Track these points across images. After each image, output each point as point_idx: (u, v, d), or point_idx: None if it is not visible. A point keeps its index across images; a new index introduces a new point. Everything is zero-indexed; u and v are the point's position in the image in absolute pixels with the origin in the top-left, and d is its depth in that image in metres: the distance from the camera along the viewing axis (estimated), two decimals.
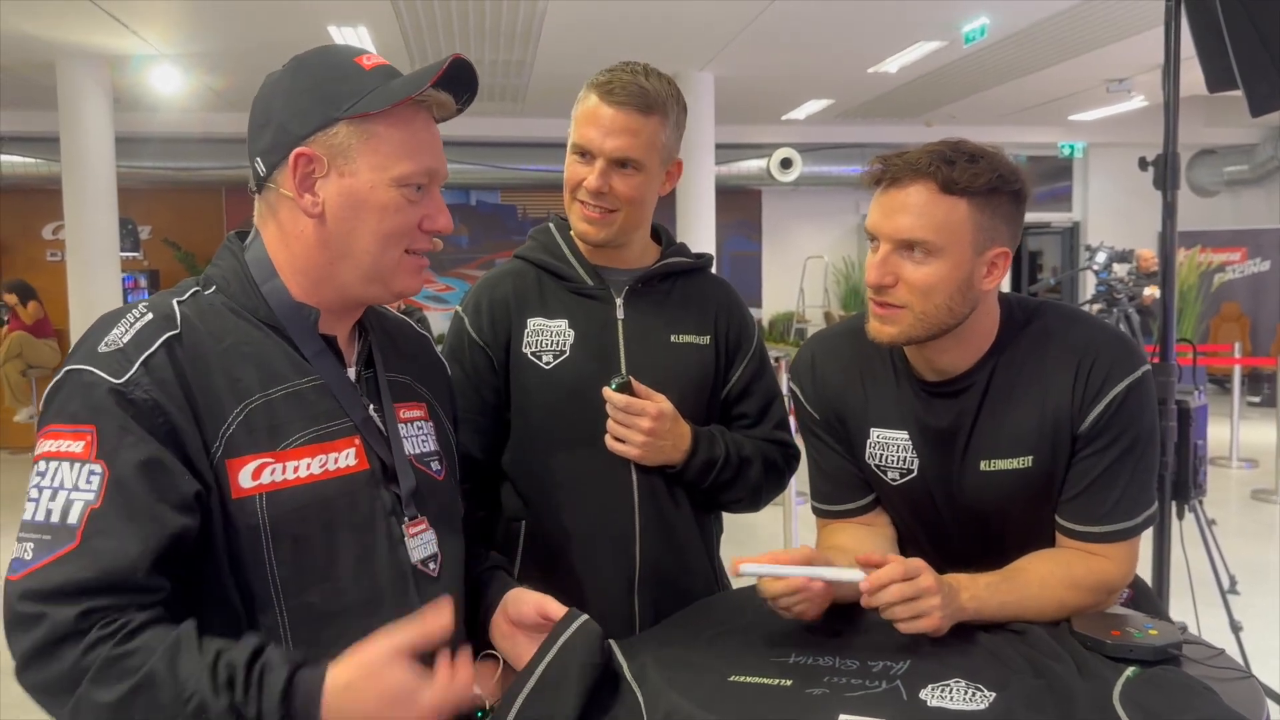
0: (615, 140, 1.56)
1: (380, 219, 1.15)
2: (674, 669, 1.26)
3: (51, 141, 8.41)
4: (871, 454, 1.54)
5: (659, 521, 1.64)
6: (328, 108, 1.13)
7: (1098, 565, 1.42)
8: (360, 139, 1.13)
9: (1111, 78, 8.99)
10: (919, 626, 1.28)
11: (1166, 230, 2.86)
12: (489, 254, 11.97)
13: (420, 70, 1.14)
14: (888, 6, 6.69)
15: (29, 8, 6.44)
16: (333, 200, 1.14)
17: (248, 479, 1.08)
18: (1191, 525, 3.36)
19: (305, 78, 1.15)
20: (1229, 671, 1.26)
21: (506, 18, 6.88)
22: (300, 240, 1.16)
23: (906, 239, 1.37)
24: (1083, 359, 1.41)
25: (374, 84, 1.14)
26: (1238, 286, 11.57)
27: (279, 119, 1.14)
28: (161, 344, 1.08)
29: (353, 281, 1.17)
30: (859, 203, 12.44)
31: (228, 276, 1.18)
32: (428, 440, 1.28)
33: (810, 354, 1.63)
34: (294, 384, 1.13)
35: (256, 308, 1.16)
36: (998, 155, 1.40)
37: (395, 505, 1.19)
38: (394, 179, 1.14)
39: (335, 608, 1.12)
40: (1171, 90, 2.81)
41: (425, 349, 1.40)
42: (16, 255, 11.21)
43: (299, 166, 1.13)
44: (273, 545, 1.09)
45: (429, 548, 1.22)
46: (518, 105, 10.03)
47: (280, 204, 1.16)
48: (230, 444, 1.08)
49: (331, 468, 1.13)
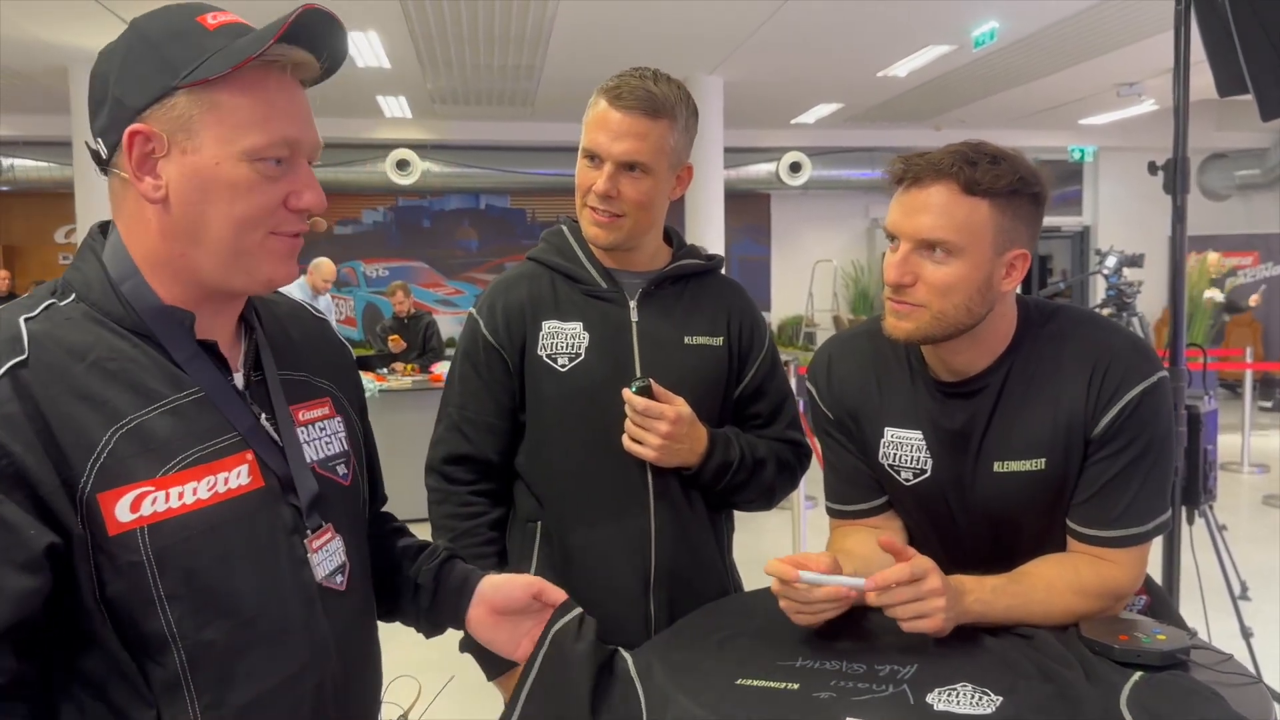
0: (623, 144, 1.57)
1: (232, 199, 1.00)
2: (681, 672, 1.26)
3: (64, 146, 8.48)
4: (885, 453, 1.54)
5: (674, 522, 1.65)
6: (164, 76, 0.98)
7: (1106, 570, 1.41)
8: (202, 109, 0.98)
9: (1122, 81, 8.97)
10: (921, 626, 1.29)
11: (1176, 235, 2.86)
12: (497, 258, 12.00)
13: (262, 30, 1.00)
14: (897, 11, 6.69)
15: (43, 13, 6.48)
16: (176, 182, 0.99)
17: (125, 512, 0.95)
18: (1202, 531, 3.35)
19: (141, 44, 1.00)
20: (1237, 677, 1.26)
21: (516, 22, 6.90)
22: (147, 230, 1.02)
23: (928, 238, 1.37)
24: (1098, 363, 1.41)
25: (217, 45, 0.99)
26: (1249, 291, 11.52)
27: (114, 92, 0.99)
28: (4, 374, 0.93)
29: (212, 271, 1.03)
30: (868, 206, 12.44)
31: (89, 281, 1.03)
32: (333, 442, 1.17)
33: (827, 354, 1.63)
34: (170, 400, 1.00)
35: (122, 316, 1.01)
36: (1019, 157, 1.40)
37: (296, 521, 1.08)
38: (244, 152, 0.99)
39: (240, 642, 1.01)
40: (1181, 94, 2.81)
41: (323, 335, 1.26)
42: (29, 259, 11.28)
43: (135, 146, 0.98)
44: (160, 582, 0.97)
45: (336, 558, 1.12)
46: (527, 109, 10.06)
47: (125, 189, 1.02)
48: (102, 475, 0.95)
49: (222, 489, 1.01)
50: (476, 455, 1.67)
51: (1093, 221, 12.88)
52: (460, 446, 1.67)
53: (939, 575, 1.30)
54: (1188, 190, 2.83)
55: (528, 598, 1.25)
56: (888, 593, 1.29)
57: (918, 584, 1.28)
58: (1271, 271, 11.52)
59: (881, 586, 1.29)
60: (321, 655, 1.08)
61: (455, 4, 6.46)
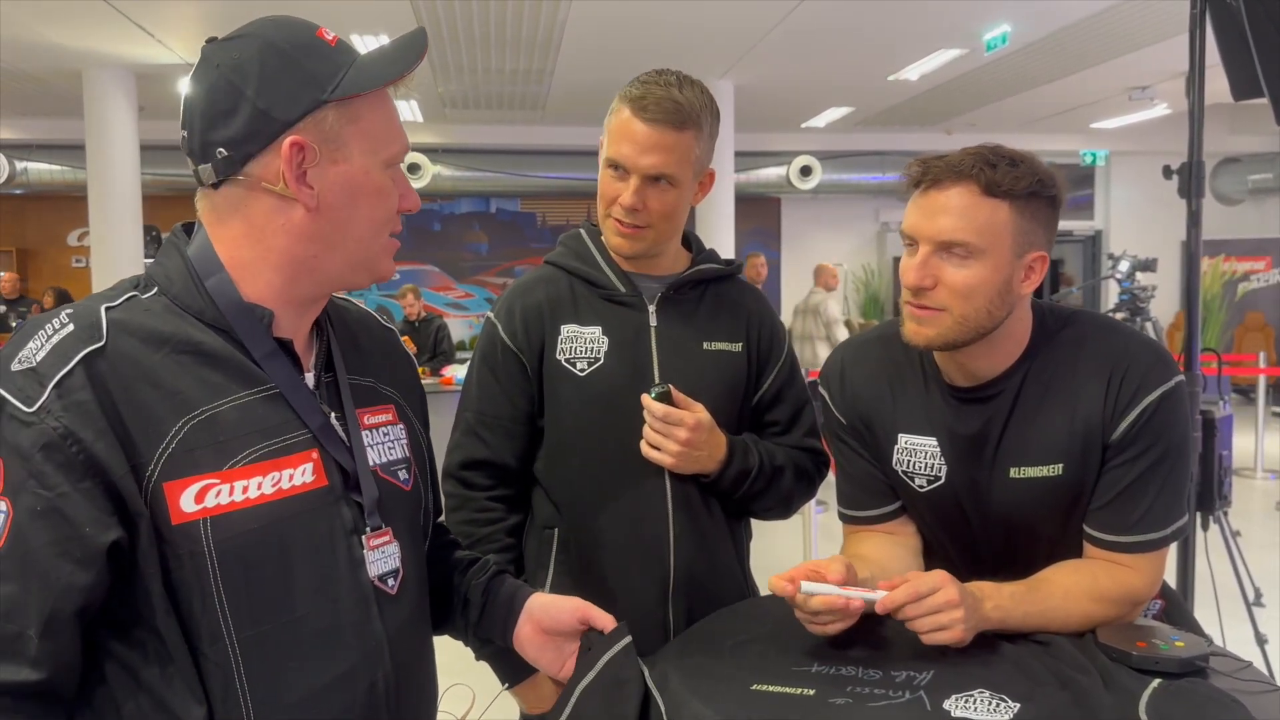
0: (650, 158, 1.55)
1: (374, 204, 1.08)
2: (696, 678, 1.26)
3: (78, 149, 8.52)
4: (899, 460, 1.53)
5: (692, 529, 1.63)
6: (314, 90, 1.03)
7: (1123, 576, 1.41)
8: (347, 122, 1.05)
9: (1134, 85, 8.94)
10: (941, 639, 1.28)
11: (1191, 239, 2.84)
12: (509, 261, 12.02)
13: (398, 49, 1.09)
14: (909, 14, 6.68)
15: (57, 18, 6.52)
16: (328, 190, 1.05)
17: (190, 503, 0.98)
18: (1216, 537, 3.33)
19: (276, 56, 1.03)
20: (1257, 684, 1.25)
21: (528, 26, 6.91)
22: (284, 235, 1.06)
23: (948, 240, 1.37)
24: (1115, 367, 1.40)
25: (346, 60, 1.06)
26: (1262, 296, 11.48)
27: (255, 103, 1.02)
28: (79, 361, 0.96)
29: (339, 271, 1.10)
30: (878, 210, 12.41)
31: (170, 275, 1.06)
32: (395, 448, 1.19)
33: (840, 360, 1.62)
34: (243, 395, 1.03)
35: (203, 309, 1.04)
36: (1035, 160, 1.40)
37: (357, 521, 1.10)
38: (385, 161, 1.08)
39: (292, 639, 1.03)
40: (1196, 98, 2.80)
41: (391, 344, 1.30)
42: (43, 261, 11.34)
43: (294, 156, 1.03)
44: (220, 574, 0.99)
45: (391, 561, 1.13)
46: (538, 113, 10.07)
47: (253, 198, 1.05)
48: (169, 465, 0.97)
49: (286, 486, 1.03)
50: (494, 460, 1.65)
51: (1104, 226, 12.84)
52: (477, 451, 1.66)
53: (955, 586, 1.29)
54: (1203, 194, 2.82)
55: (574, 621, 1.27)
56: (906, 609, 1.28)
57: (934, 596, 1.28)
58: None
59: (889, 609, 1.28)
60: (374, 657, 1.09)
61: (467, 7, 6.47)
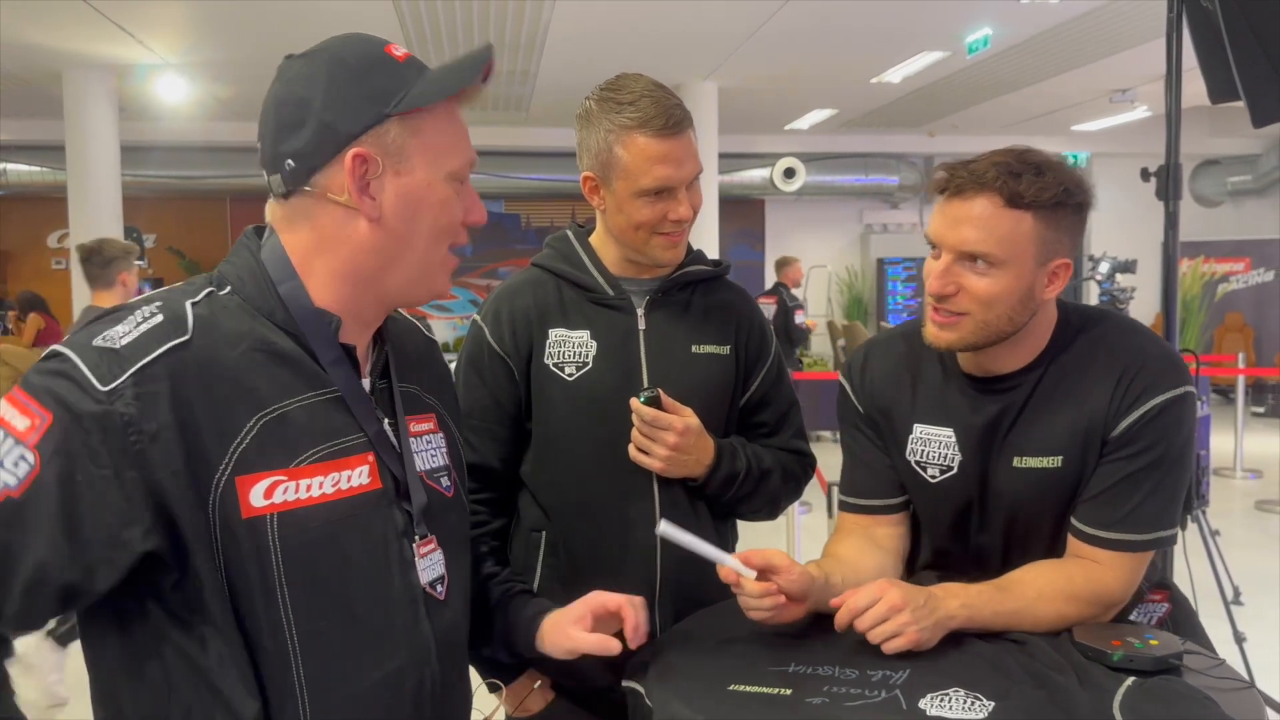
0: (689, 167, 1.57)
1: (437, 217, 1.10)
2: (675, 677, 1.27)
3: (57, 150, 8.46)
4: (913, 450, 1.54)
5: None
6: (378, 104, 1.05)
7: (1098, 575, 1.41)
8: (410, 135, 1.07)
9: (1115, 88, 9.01)
10: (898, 645, 1.29)
11: (1169, 241, 2.87)
12: (492, 263, 12.00)
13: (462, 63, 1.10)
14: (891, 17, 6.71)
15: (37, 17, 6.47)
16: (390, 202, 1.07)
17: (259, 498, 1.00)
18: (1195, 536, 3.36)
19: (343, 71, 1.06)
20: (1229, 682, 1.26)
21: (511, 28, 6.91)
22: (348, 245, 1.08)
23: (970, 251, 1.37)
24: (1128, 367, 1.41)
25: (411, 75, 1.08)
26: (1241, 297, 11.57)
27: (321, 116, 1.04)
28: (164, 352, 0.98)
29: (400, 284, 1.12)
30: (862, 212, 12.45)
31: (243, 276, 1.09)
32: (437, 455, 1.22)
33: (865, 351, 1.65)
34: (309, 396, 1.06)
35: (273, 310, 1.07)
36: (1063, 167, 1.40)
37: (407, 525, 1.13)
38: (449, 174, 1.10)
39: (348, 636, 1.06)
40: (1173, 101, 2.82)
41: (433, 355, 1.33)
42: (22, 263, 11.26)
43: (357, 168, 1.05)
44: (284, 569, 1.01)
45: (437, 569, 1.16)
46: (521, 115, 10.06)
47: (320, 208, 1.07)
48: (243, 459, 1.00)
49: (344, 486, 1.06)
50: (479, 463, 1.64)
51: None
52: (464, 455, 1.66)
53: (897, 590, 1.31)
54: (1180, 196, 2.84)
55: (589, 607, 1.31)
56: (855, 624, 1.31)
57: (875, 609, 1.30)
58: (1263, 277, 11.56)
59: (840, 628, 1.33)
60: (421, 657, 1.12)
61: (449, 8, 6.46)
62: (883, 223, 12.61)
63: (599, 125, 1.56)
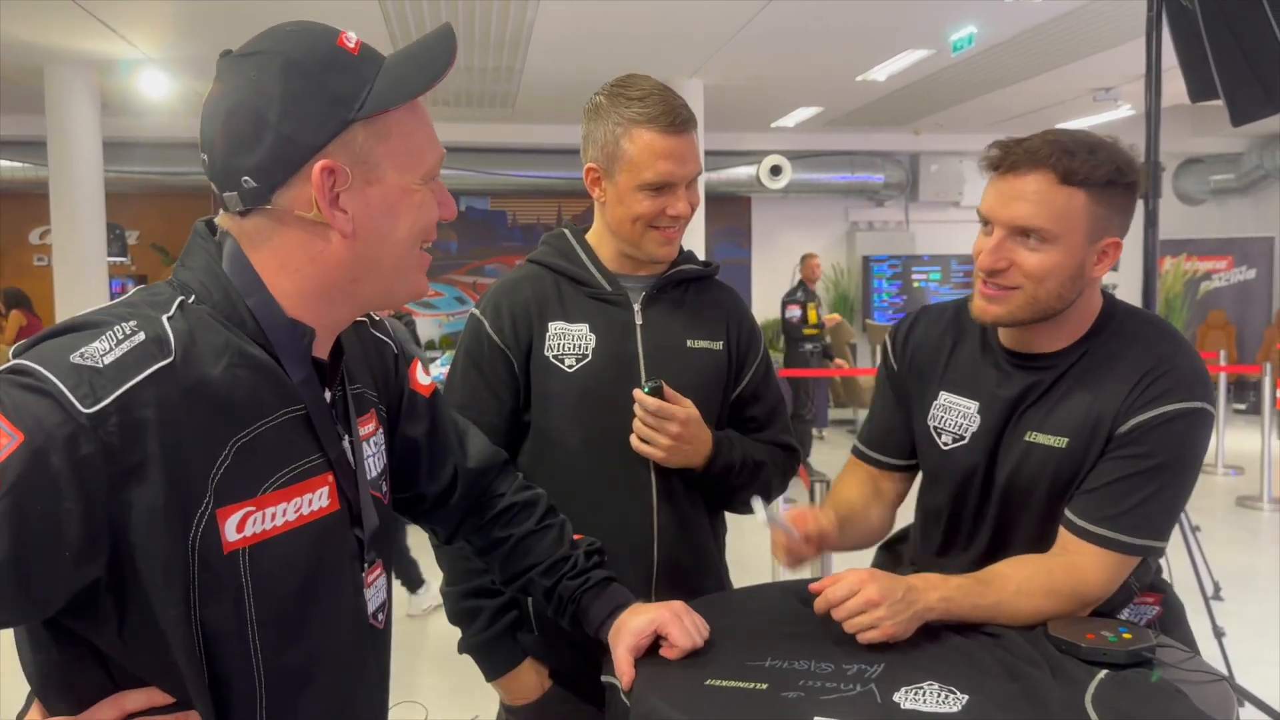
0: (690, 166, 1.63)
1: (414, 222, 1.03)
2: (652, 673, 1.27)
3: (39, 146, 8.38)
4: (934, 415, 1.59)
5: (676, 521, 1.68)
6: (340, 109, 0.96)
7: (1079, 571, 1.41)
8: (378, 140, 0.99)
9: (1098, 86, 9.04)
10: (872, 637, 1.30)
11: (1148, 239, 2.89)
12: (478, 260, 11.97)
13: (424, 54, 1.02)
14: (875, 15, 6.72)
15: (17, 12, 6.42)
16: (364, 213, 0.99)
17: (233, 531, 0.93)
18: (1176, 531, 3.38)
19: (298, 75, 0.96)
20: (1201, 675, 1.27)
21: (496, 24, 6.89)
22: (319, 263, 1.00)
23: (1024, 226, 1.41)
24: (1153, 369, 1.42)
25: (370, 71, 0.99)
26: (1224, 294, 11.64)
27: (279, 129, 0.95)
28: (150, 376, 0.89)
29: (376, 292, 1.05)
30: (848, 209, 12.47)
31: (207, 285, 1.00)
32: (377, 458, 1.16)
33: (914, 316, 1.71)
34: (281, 413, 0.99)
35: (243, 321, 0.99)
36: (1115, 147, 1.43)
37: (357, 549, 1.08)
38: (423, 175, 1.03)
39: (307, 668, 1.01)
40: (1153, 100, 2.84)
41: (365, 338, 1.23)
42: (3, 260, 11.16)
43: (325, 182, 0.97)
44: (254, 605, 0.95)
45: (380, 595, 1.12)
46: (507, 111, 10.03)
47: (285, 226, 0.99)
48: (221, 490, 0.92)
49: (306, 511, 1.00)
50: None
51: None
52: None
53: (875, 584, 1.32)
54: (1159, 195, 2.87)
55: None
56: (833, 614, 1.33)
57: (852, 600, 1.31)
58: (1245, 275, 11.64)
59: (820, 613, 1.35)
60: (370, 689, 1.11)
61: (435, 5, 6.44)
62: (868, 220, 12.63)
63: (607, 118, 1.62)
